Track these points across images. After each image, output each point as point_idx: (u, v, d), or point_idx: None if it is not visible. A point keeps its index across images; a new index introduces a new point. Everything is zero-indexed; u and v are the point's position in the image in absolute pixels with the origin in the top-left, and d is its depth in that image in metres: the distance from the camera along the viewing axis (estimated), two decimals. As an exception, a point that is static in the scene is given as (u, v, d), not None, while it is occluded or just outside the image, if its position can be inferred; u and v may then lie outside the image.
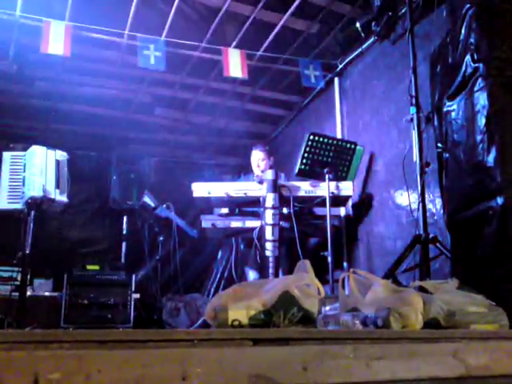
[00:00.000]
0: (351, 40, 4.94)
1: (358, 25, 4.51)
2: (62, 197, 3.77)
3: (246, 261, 4.19)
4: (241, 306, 1.55)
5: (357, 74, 5.11)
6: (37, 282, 4.83)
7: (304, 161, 3.69)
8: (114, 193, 5.97)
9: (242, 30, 4.72)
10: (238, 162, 7.25)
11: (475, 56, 2.64)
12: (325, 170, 3.68)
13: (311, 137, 3.70)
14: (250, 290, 1.70)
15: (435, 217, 3.66)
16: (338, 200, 3.89)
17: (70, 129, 6.34)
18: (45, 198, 3.65)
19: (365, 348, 1.33)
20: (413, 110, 3.29)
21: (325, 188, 3.67)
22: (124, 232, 6.09)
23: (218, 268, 5.78)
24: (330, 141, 3.79)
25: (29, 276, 3.81)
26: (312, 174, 3.74)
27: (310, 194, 3.80)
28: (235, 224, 3.84)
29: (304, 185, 3.81)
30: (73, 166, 4.09)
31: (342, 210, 4.66)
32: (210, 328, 1.61)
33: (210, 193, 3.74)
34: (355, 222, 4.79)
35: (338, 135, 5.16)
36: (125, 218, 6.10)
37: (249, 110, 6.41)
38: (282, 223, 3.64)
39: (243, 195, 3.73)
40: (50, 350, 1.03)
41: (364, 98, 4.92)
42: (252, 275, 4.14)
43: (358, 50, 4.95)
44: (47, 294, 4.69)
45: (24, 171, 3.73)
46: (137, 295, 4.77)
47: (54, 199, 3.70)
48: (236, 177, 5.84)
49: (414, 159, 3.28)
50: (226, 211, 3.85)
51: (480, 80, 2.60)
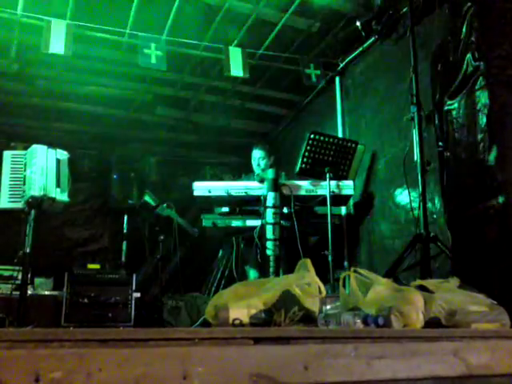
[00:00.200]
0: (352, 39, 4.93)
1: (358, 24, 4.50)
2: (62, 196, 3.77)
3: (246, 260, 4.19)
4: (242, 304, 1.55)
5: (358, 73, 5.10)
6: (37, 281, 4.82)
7: (305, 160, 3.69)
8: (115, 192, 5.97)
9: (243, 28, 4.72)
10: (238, 160, 7.25)
11: (476, 55, 2.64)
12: (326, 169, 3.68)
13: (312, 136, 3.70)
14: (250, 288, 1.69)
15: (435, 215, 3.66)
16: (338, 199, 3.89)
17: (71, 128, 6.34)
18: (45, 197, 3.64)
19: (366, 347, 1.33)
20: (413, 108, 3.28)
21: (325, 187, 3.67)
22: (125, 231, 6.08)
23: (219, 267, 5.76)
24: (331, 140, 3.79)
25: (29, 275, 3.80)
26: (313, 172, 3.74)
27: (311, 193, 3.80)
28: (236, 223, 3.84)
29: (305, 184, 3.81)
30: (73, 165, 4.09)
31: (343, 209, 4.67)
32: (210, 327, 1.61)
33: (210, 192, 3.74)
34: (356, 220, 4.78)
35: (339, 134, 5.15)
36: (125, 217, 6.09)
37: (250, 109, 6.40)
38: (282, 222, 3.64)
39: (244, 194, 3.73)
40: (51, 348, 1.03)
41: (365, 96, 4.92)
42: (253, 274, 4.13)
43: (359, 49, 4.94)
44: (48, 292, 4.68)
45: (25, 170, 3.73)
46: (137, 294, 4.76)
47: (54, 198, 3.70)
48: (237, 176, 5.83)
49: (415, 158, 3.28)
50: (227, 210, 3.84)
51: (481, 79, 2.60)
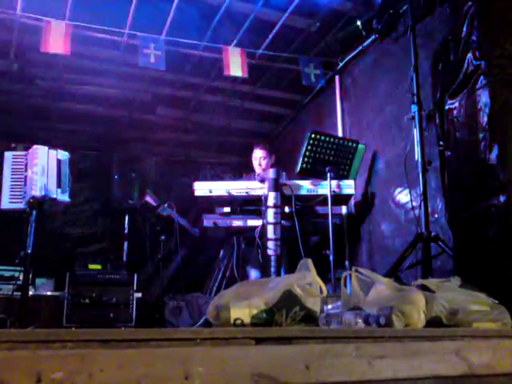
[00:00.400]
0: (352, 38, 4.93)
1: (359, 23, 4.50)
2: (63, 196, 3.77)
3: (247, 260, 4.19)
4: (243, 304, 1.55)
5: (358, 72, 5.10)
6: (39, 281, 4.83)
7: (306, 159, 3.69)
8: (116, 192, 5.98)
9: (243, 28, 4.72)
10: (239, 160, 7.25)
11: (477, 54, 2.63)
12: (326, 169, 3.68)
13: (313, 135, 3.70)
14: (252, 288, 1.69)
15: (436, 215, 3.66)
16: (339, 198, 3.89)
17: (71, 128, 6.34)
18: (46, 198, 3.65)
19: (367, 347, 1.33)
20: (414, 108, 3.28)
21: (326, 186, 3.67)
22: (126, 231, 6.08)
23: (220, 267, 5.76)
24: (332, 139, 3.79)
25: (31, 275, 3.81)
26: (314, 172, 3.74)
27: (312, 193, 3.80)
28: (237, 223, 3.84)
29: (306, 183, 3.81)
30: (74, 165, 4.09)
31: (344, 209, 4.67)
32: (212, 327, 1.61)
33: (211, 192, 3.74)
34: (357, 220, 4.78)
35: (339, 134, 5.15)
36: (126, 217, 6.10)
37: (250, 109, 6.40)
38: (283, 222, 3.64)
39: (245, 194, 3.73)
40: (53, 349, 1.03)
41: (365, 96, 4.91)
42: (254, 274, 4.13)
43: (359, 48, 4.94)
44: (49, 293, 4.69)
45: (26, 171, 3.73)
46: (139, 294, 4.77)
47: (55, 199, 3.70)
48: (237, 176, 5.83)
49: (416, 157, 3.28)
50: (228, 210, 3.84)
51: (482, 78, 2.59)
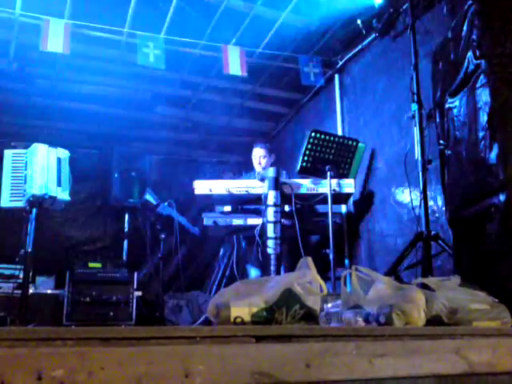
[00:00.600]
0: (351, 37, 4.93)
1: (358, 21, 4.49)
2: (63, 195, 3.78)
3: (247, 258, 4.20)
4: (243, 303, 1.55)
5: (357, 70, 5.10)
6: (39, 279, 4.83)
7: (306, 158, 3.69)
8: (116, 191, 5.96)
9: (242, 27, 4.71)
10: (238, 159, 7.25)
11: (477, 52, 2.63)
12: (326, 168, 3.68)
13: (313, 134, 3.70)
14: (252, 287, 1.70)
15: (436, 214, 3.66)
16: (339, 197, 3.89)
17: (71, 127, 6.34)
18: (46, 196, 3.65)
19: (367, 345, 1.33)
20: (414, 106, 3.29)
21: (326, 185, 3.67)
22: (126, 230, 6.08)
23: (220, 265, 5.77)
24: (332, 138, 3.78)
25: (31, 274, 3.81)
26: (314, 171, 3.74)
27: (312, 192, 3.80)
28: (237, 221, 3.84)
29: (306, 182, 3.81)
30: (74, 163, 4.09)
31: (344, 208, 4.67)
32: (212, 325, 1.61)
33: (211, 190, 3.74)
34: (356, 219, 4.79)
35: (339, 132, 5.15)
36: (126, 216, 6.10)
37: (249, 108, 6.40)
38: (283, 221, 3.64)
39: (245, 193, 3.73)
40: (53, 347, 1.03)
41: (365, 94, 4.91)
42: (254, 273, 4.14)
43: (359, 47, 4.94)
44: (49, 291, 4.68)
45: (26, 169, 3.73)
46: (139, 293, 4.77)
47: (55, 197, 3.70)
48: (237, 174, 5.83)
49: (416, 156, 3.28)
50: (228, 209, 3.85)
51: (482, 76, 2.59)
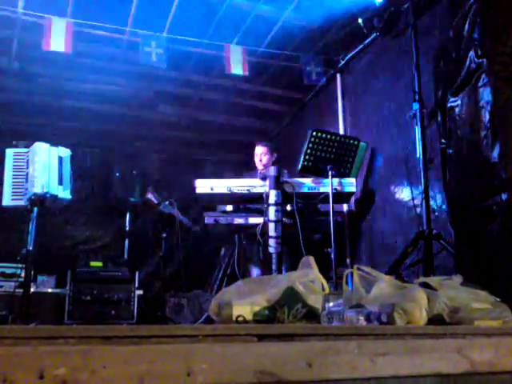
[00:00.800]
0: (353, 36, 4.92)
1: (360, 20, 4.49)
2: (64, 193, 3.77)
3: (249, 257, 4.20)
4: (245, 302, 1.55)
5: (359, 69, 5.10)
6: (40, 278, 4.84)
7: (307, 157, 3.69)
8: (117, 189, 5.98)
9: (244, 26, 4.71)
10: (240, 158, 7.25)
11: (479, 51, 2.63)
12: (328, 167, 3.67)
13: (314, 133, 3.69)
14: (254, 286, 1.70)
15: (436, 213, 3.66)
16: (341, 196, 3.88)
17: (73, 125, 6.34)
18: (48, 195, 3.65)
19: (369, 344, 1.33)
20: (416, 105, 3.28)
21: (328, 184, 3.67)
22: (127, 228, 6.09)
23: (221, 264, 5.76)
24: (333, 137, 3.78)
25: (32, 273, 3.81)
26: (315, 170, 3.73)
27: (313, 191, 3.79)
28: (238, 220, 3.83)
29: (307, 181, 3.81)
30: (75, 162, 4.09)
31: (345, 207, 4.67)
32: (214, 324, 1.61)
33: (212, 189, 3.74)
34: (358, 218, 4.79)
35: (340, 131, 5.15)
36: (128, 215, 6.11)
37: (251, 107, 6.40)
38: (284, 220, 3.64)
39: (246, 192, 3.73)
40: (56, 345, 1.03)
41: (366, 93, 4.91)
42: (255, 272, 4.14)
43: (360, 46, 4.94)
44: (51, 290, 4.69)
45: (27, 168, 3.73)
46: (140, 291, 4.78)
47: (56, 196, 3.70)
48: (238, 173, 5.83)
49: (417, 155, 3.28)
50: (229, 208, 3.84)
51: (484, 75, 2.59)
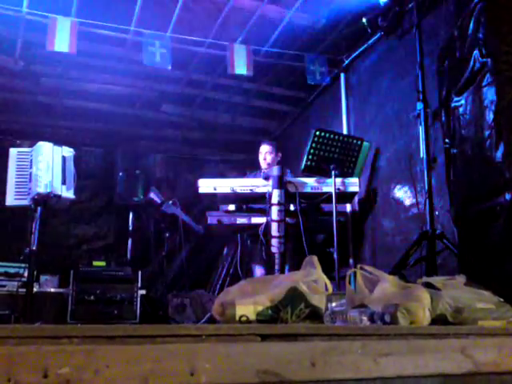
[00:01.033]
0: (357, 36, 4.92)
1: (364, 20, 4.48)
2: (68, 193, 3.78)
3: (252, 257, 4.20)
4: (248, 301, 1.55)
5: (363, 69, 5.09)
6: (43, 278, 4.84)
7: (310, 157, 3.68)
8: (120, 189, 5.98)
9: (248, 25, 4.71)
10: (243, 158, 7.25)
11: (483, 51, 2.62)
12: (331, 167, 3.67)
13: (317, 133, 3.69)
14: (257, 285, 1.70)
15: (437, 212, 3.65)
16: (344, 196, 3.88)
17: (76, 125, 6.36)
18: (51, 195, 3.65)
19: (372, 344, 1.32)
20: (420, 105, 3.28)
21: (331, 184, 3.67)
22: (130, 228, 6.10)
23: (224, 264, 5.77)
24: (337, 137, 3.78)
25: (35, 272, 3.82)
26: (318, 170, 3.73)
27: (316, 191, 3.79)
28: (241, 220, 3.83)
29: (310, 181, 3.81)
30: (79, 162, 4.10)
31: (348, 207, 4.67)
32: (217, 324, 1.61)
33: (215, 189, 3.74)
34: (361, 217, 4.78)
35: (344, 131, 5.14)
36: (131, 214, 6.11)
37: (254, 106, 6.40)
38: (287, 219, 3.64)
39: (249, 191, 3.73)
40: (60, 345, 1.04)
41: (369, 93, 4.91)
42: (259, 271, 4.14)
43: (365, 46, 4.93)
44: (53, 290, 4.70)
45: (30, 167, 3.74)
46: (143, 291, 4.78)
47: (60, 195, 3.71)
48: (241, 173, 5.83)
49: (421, 155, 3.28)
50: (232, 207, 3.84)
51: (488, 75, 2.58)
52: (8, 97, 5.70)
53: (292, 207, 3.68)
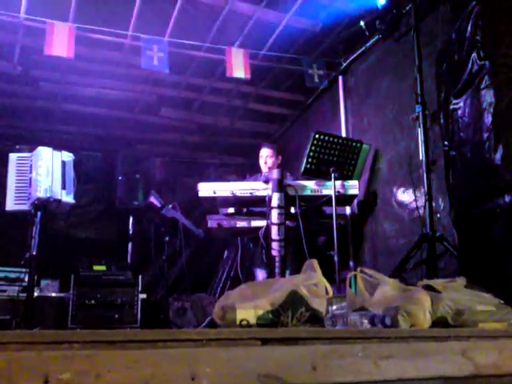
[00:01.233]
0: (355, 38, 4.93)
1: (362, 23, 4.49)
2: (68, 198, 3.78)
3: (252, 260, 4.19)
4: (249, 305, 1.55)
5: (361, 72, 5.10)
6: (44, 282, 4.84)
7: (310, 160, 3.69)
8: (120, 193, 5.99)
9: (245, 29, 4.72)
10: (242, 161, 7.26)
11: (481, 53, 2.63)
12: (331, 169, 3.68)
13: (317, 136, 3.70)
14: (257, 289, 1.70)
15: (438, 215, 3.65)
16: (343, 199, 3.88)
17: (76, 130, 6.37)
18: (51, 199, 3.65)
19: (373, 347, 1.33)
20: (418, 108, 3.28)
21: (331, 187, 3.67)
22: (130, 232, 6.10)
23: (225, 268, 5.77)
24: (336, 139, 3.78)
25: (36, 277, 3.81)
26: (318, 173, 3.73)
27: (316, 193, 3.79)
28: (241, 224, 3.83)
29: (310, 184, 3.81)
30: (79, 166, 4.10)
31: (348, 209, 4.67)
32: (217, 328, 1.61)
33: (215, 192, 3.74)
34: (361, 220, 4.78)
35: (343, 133, 5.15)
36: (131, 218, 6.11)
37: (253, 110, 6.41)
38: (287, 223, 3.64)
39: (249, 195, 3.73)
40: (60, 350, 1.04)
41: (368, 96, 4.92)
42: (260, 275, 4.13)
43: (362, 49, 4.94)
44: (54, 294, 4.69)
45: (30, 172, 3.74)
46: (143, 295, 4.77)
47: (60, 200, 3.71)
48: (241, 177, 5.83)
49: (420, 157, 3.28)
50: (232, 211, 3.84)
51: (487, 77, 2.59)
52: (7, 102, 5.71)
53: (292, 210, 3.68)
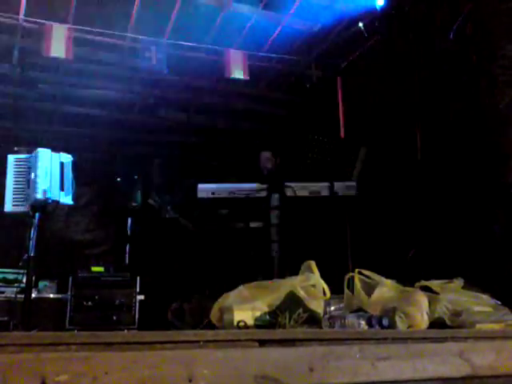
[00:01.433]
0: (353, 40, 4.93)
1: (360, 24, 4.50)
2: (66, 199, 3.77)
3: (251, 262, 4.19)
4: (246, 307, 1.55)
5: (359, 73, 5.10)
6: (42, 284, 4.83)
7: (308, 161, 3.69)
8: (119, 194, 5.98)
9: (244, 30, 4.72)
10: (241, 162, 7.24)
11: (480, 55, 2.64)
12: (329, 170, 3.68)
13: (315, 137, 3.70)
14: (255, 291, 1.70)
15: (438, 214, 3.65)
16: (341, 200, 3.88)
17: (74, 131, 6.35)
18: (49, 201, 3.65)
19: (371, 348, 1.33)
20: (416, 108, 3.29)
21: (329, 188, 3.67)
22: (128, 233, 6.09)
23: (223, 269, 5.76)
24: (334, 141, 3.79)
25: (34, 278, 3.81)
26: (315, 174, 3.74)
27: (314, 194, 3.79)
28: (239, 225, 3.84)
29: (308, 185, 3.81)
30: (77, 168, 4.09)
31: (346, 210, 4.66)
32: (215, 329, 1.61)
33: (214, 194, 3.74)
34: (358, 221, 4.77)
35: (342, 135, 5.15)
36: (129, 220, 6.10)
37: (252, 111, 6.40)
38: (286, 223, 3.64)
39: (247, 196, 3.73)
40: (58, 352, 1.04)
41: (366, 97, 4.92)
42: (258, 277, 4.13)
43: (361, 50, 4.94)
44: (52, 296, 4.68)
45: (29, 174, 3.73)
46: (141, 296, 4.77)
47: (58, 201, 3.70)
48: (239, 177, 5.83)
49: (418, 157, 3.29)
50: (231, 212, 3.85)
51: (486, 78, 2.60)
52: (5, 103, 5.70)
53: (290, 211, 3.68)
